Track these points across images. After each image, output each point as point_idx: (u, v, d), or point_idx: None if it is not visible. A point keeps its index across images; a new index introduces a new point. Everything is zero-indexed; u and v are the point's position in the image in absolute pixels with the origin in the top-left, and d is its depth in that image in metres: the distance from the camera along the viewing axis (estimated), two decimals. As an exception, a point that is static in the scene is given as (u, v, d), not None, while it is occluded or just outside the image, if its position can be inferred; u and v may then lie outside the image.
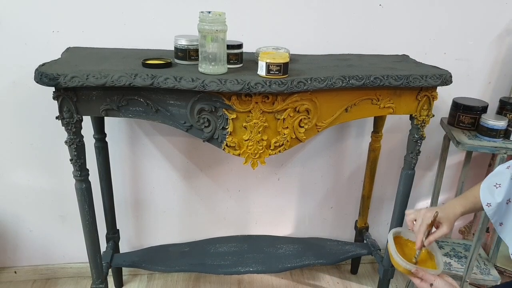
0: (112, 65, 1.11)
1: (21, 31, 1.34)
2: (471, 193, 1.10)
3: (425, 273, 1.04)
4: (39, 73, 1.01)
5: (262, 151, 1.19)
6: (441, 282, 1.01)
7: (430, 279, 1.03)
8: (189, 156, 1.63)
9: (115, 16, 1.37)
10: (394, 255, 1.07)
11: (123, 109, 1.12)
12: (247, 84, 1.05)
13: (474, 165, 1.78)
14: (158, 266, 1.52)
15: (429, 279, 1.03)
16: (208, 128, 1.14)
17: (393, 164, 1.76)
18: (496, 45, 1.59)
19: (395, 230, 1.15)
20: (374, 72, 1.17)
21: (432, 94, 1.24)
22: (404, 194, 1.39)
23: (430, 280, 1.02)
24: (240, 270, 1.52)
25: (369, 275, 1.87)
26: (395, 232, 1.14)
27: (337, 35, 1.50)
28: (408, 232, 1.16)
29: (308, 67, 1.23)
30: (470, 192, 1.10)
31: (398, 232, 1.16)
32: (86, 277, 1.75)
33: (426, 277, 1.04)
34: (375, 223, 1.87)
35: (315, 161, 1.73)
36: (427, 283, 1.03)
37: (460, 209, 1.08)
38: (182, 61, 1.16)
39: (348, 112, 1.22)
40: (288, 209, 1.82)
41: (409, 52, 1.52)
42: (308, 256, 1.60)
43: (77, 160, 1.15)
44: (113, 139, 1.53)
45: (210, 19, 1.03)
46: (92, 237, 1.29)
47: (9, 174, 1.55)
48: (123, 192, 1.65)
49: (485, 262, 1.67)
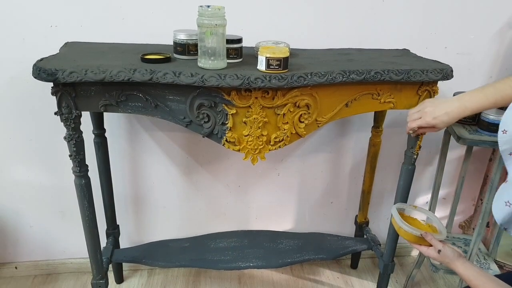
0: (110, 60, 1.10)
1: (19, 26, 1.33)
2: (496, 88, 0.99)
3: (433, 237, 1.04)
4: (37, 69, 1.00)
5: (262, 146, 1.18)
6: (448, 249, 1.02)
7: (438, 245, 1.03)
8: (189, 152, 1.63)
9: (114, 10, 1.36)
10: (400, 222, 1.09)
11: (122, 104, 1.11)
12: (247, 79, 1.04)
13: (474, 160, 1.77)
14: (159, 261, 1.52)
15: (436, 245, 1.03)
16: (207, 123, 1.14)
17: (393, 159, 1.76)
18: (497, 39, 1.58)
19: (398, 205, 1.18)
20: (375, 67, 1.16)
21: (433, 88, 1.24)
22: (404, 189, 1.38)
23: (438, 246, 1.03)
24: (241, 265, 1.53)
25: (369, 269, 1.88)
26: (398, 208, 1.17)
27: (337, 29, 1.49)
28: (411, 209, 1.19)
29: (308, 61, 1.22)
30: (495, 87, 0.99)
31: (401, 209, 1.18)
32: (86, 273, 1.75)
33: (434, 242, 1.04)
34: (375, 218, 1.87)
35: (315, 156, 1.72)
36: (435, 250, 1.03)
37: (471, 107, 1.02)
38: (181, 56, 1.16)
39: (348, 107, 1.22)
40: (288, 204, 1.82)
41: (409, 46, 1.51)
42: (308, 251, 1.60)
43: (77, 156, 1.15)
44: (113, 134, 1.53)
45: (209, 13, 1.02)
46: (92, 232, 1.29)
47: (8, 170, 1.54)
48: (123, 188, 1.65)
49: (485, 257, 1.67)
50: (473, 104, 1.01)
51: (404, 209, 1.21)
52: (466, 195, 1.88)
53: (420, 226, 1.16)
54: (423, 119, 1.10)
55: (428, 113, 1.09)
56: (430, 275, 1.86)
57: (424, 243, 1.07)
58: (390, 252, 1.50)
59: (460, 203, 1.84)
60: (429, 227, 1.15)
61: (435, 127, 1.09)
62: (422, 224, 1.17)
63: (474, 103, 1.01)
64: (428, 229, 1.14)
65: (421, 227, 1.15)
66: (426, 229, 1.14)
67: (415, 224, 1.17)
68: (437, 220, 1.16)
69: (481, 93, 1.01)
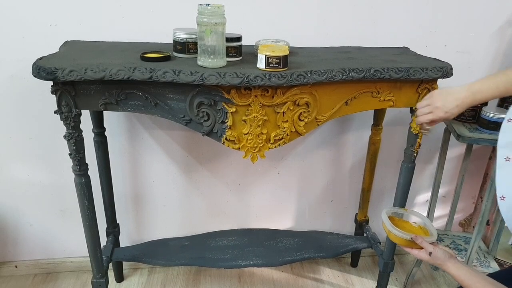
0: (110, 58, 1.10)
1: (19, 24, 1.33)
2: None
3: (423, 240, 1.05)
4: (37, 67, 1.00)
5: (262, 144, 1.18)
6: (439, 251, 1.02)
7: (428, 247, 1.03)
8: (189, 150, 1.63)
9: (113, 9, 1.36)
10: (390, 227, 1.10)
11: (121, 103, 1.11)
12: (247, 78, 1.04)
13: (474, 158, 1.77)
14: (159, 260, 1.52)
15: (427, 247, 1.03)
16: (207, 122, 1.14)
17: (393, 157, 1.76)
18: (497, 37, 1.58)
19: (388, 210, 1.19)
20: (374, 65, 1.16)
21: (433, 86, 1.24)
22: (404, 187, 1.38)
23: (428, 249, 1.03)
24: (240, 264, 1.53)
25: (369, 268, 1.88)
26: (388, 212, 1.17)
27: (337, 28, 1.48)
28: (402, 212, 1.20)
29: (308, 60, 1.22)
30: None
31: (391, 213, 1.19)
32: (86, 271, 1.75)
33: (425, 244, 1.05)
34: (375, 216, 1.87)
35: (315, 155, 1.72)
36: (426, 253, 1.03)
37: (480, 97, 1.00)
38: (181, 54, 1.16)
39: (348, 105, 1.22)
40: (288, 202, 1.82)
41: (409, 44, 1.51)
42: (308, 249, 1.60)
43: (76, 154, 1.15)
44: (112, 133, 1.53)
45: (209, 11, 1.02)
46: (92, 231, 1.29)
47: (8, 169, 1.54)
48: (123, 186, 1.65)
49: (485, 255, 1.68)
50: (484, 94, 0.99)
51: (395, 213, 1.21)
52: (466, 193, 1.88)
53: (411, 228, 1.16)
54: (435, 114, 1.07)
55: (440, 108, 1.05)
56: (430, 273, 1.86)
57: (416, 246, 1.07)
58: (390, 250, 1.50)
59: (460, 201, 1.84)
60: (420, 229, 1.16)
61: (447, 119, 1.08)
62: (414, 226, 1.17)
63: (485, 93, 0.99)
64: (419, 232, 1.14)
65: (413, 229, 1.16)
66: (418, 231, 1.14)
67: (407, 227, 1.17)
68: (428, 222, 1.16)
69: (492, 83, 0.98)
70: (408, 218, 1.25)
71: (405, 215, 1.21)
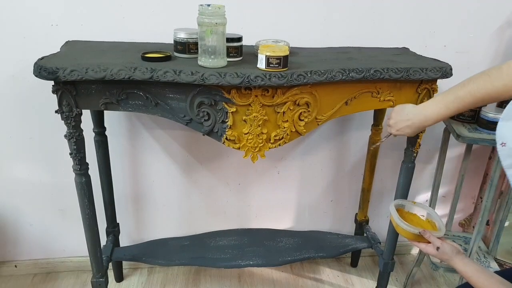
0: (111, 58, 1.11)
1: (20, 24, 1.33)
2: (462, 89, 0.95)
3: (431, 234, 1.04)
4: (38, 67, 1.00)
5: (262, 144, 1.19)
6: (447, 246, 1.02)
7: (436, 242, 1.03)
8: (189, 150, 1.63)
9: (114, 9, 1.36)
10: (398, 220, 1.09)
11: (122, 102, 1.12)
12: (247, 78, 1.04)
13: (474, 158, 1.78)
14: (158, 259, 1.52)
15: (435, 242, 1.04)
16: (207, 121, 1.14)
17: (393, 157, 1.76)
18: (496, 37, 1.58)
19: (397, 202, 1.18)
20: (374, 65, 1.17)
21: (432, 86, 1.24)
22: (404, 187, 1.38)
23: (436, 243, 1.03)
24: (240, 264, 1.53)
25: (369, 268, 1.88)
26: (397, 204, 1.17)
27: (337, 28, 1.49)
28: (410, 205, 1.19)
29: (308, 60, 1.22)
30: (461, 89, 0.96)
31: (400, 205, 1.19)
32: (86, 271, 1.75)
33: (432, 239, 1.05)
34: (375, 216, 1.88)
35: (315, 155, 1.72)
36: (433, 247, 1.03)
37: None
38: (182, 54, 1.16)
39: (348, 105, 1.22)
40: (288, 202, 1.82)
41: (409, 44, 1.51)
42: (308, 249, 1.61)
43: (77, 154, 1.15)
44: (113, 132, 1.53)
45: (209, 12, 1.03)
46: (92, 231, 1.29)
47: (8, 168, 1.55)
48: (123, 186, 1.65)
49: (485, 255, 1.68)
50: (434, 115, 1.03)
51: (403, 205, 1.21)
52: (466, 193, 1.89)
53: (420, 222, 1.16)
54: (390, 129, 1.15)
55: (392, 126, 1.13)
56: (430, 273, 1.86)
57: (423, 240, 1.07)
58: (390, 250, 1.50)
59: (460, 201, 1.84)
60: (428, 222, 1.16)
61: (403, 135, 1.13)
62: (422, 220, 1.18)
63: (435, 114, 1.02)
64: (427, 225, 1.14)
65: (421, 222, 1.16)
66: (426, 225, 1.14)
67: (415, 220, 1.17)
68: (436, 216, 1.16)
69: (442, 104, 1.00)
70: (416, 211, 1.24)
71: (413, 207, 1.21)
